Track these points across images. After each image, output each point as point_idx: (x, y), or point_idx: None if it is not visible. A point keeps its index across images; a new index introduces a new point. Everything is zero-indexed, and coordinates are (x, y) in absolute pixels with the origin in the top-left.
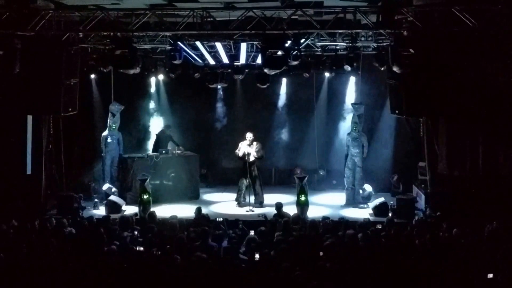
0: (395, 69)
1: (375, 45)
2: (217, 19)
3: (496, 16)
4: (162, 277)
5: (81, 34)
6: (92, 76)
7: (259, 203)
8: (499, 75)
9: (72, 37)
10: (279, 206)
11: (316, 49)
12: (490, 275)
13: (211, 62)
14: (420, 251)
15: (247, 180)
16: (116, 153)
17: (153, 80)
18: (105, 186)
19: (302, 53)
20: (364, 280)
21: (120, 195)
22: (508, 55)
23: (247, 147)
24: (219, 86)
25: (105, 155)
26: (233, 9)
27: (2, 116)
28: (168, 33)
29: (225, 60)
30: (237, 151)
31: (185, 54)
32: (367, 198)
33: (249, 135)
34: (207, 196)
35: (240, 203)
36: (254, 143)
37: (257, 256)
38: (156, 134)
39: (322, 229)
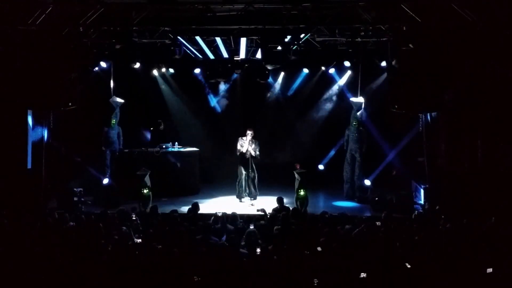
0: (394, 64)
1: (374, 40)
2: (217, 14)
3: (496, 11)
4: (163, 271)
5: (81, 29)
6: (92, 70)
7: (255, 196)
8: (499, 70)
9: (72, 32)
10: (280, 200)
11: (316, 44)
12: (490, 270)
13: (211, 57)
14: (419, 246)
15: (248, 173)
16: (116, 147)
17: (152, 75)
18: (105, 181)
19: (301, 48)
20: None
21: (120, 189)
22: (507, 49)
23: (248, 144)
24: (218, 81)
25: (105, 149)
26: (233, 4)
27: (3, 110)
28: (168, 28)
29: (225, 55)
30: (239, 147)
31: (185, 49)
32: (366, 193)
33: (250, 132)
34: (207, 191)
35: (242, 198)
36: (253, 140)
37: (258, 250)
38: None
39: (321, 223)
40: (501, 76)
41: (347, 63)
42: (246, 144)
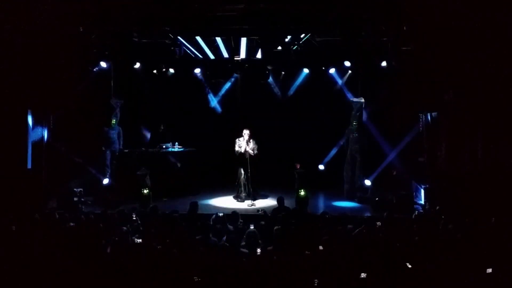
0: (394, 64)
1: (374, 40)
2: (217, 14)
3: (496, 11)
4: (162, 271)
5: (81, 29)
6: (92, 70)
7: (254, 196)
8: (499, 70)
9: (72, 32)
10: (280, 200)
11: (316, 44)
12: (489, 270)
13: (211, 57)
14: (419, 246)
15: (247, 173)
16: (116, 148)
17: (153, 74)
18: (105, 181)
19: (301, 48)
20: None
21: (120, 189)
22: (507, 49)
23: (245, 144)
24: (219, 81)
25: (105, 149)
26: (234, 4)
27: (3, 110)
28: (168, 28)
29: (225, 55)
30: (237, 148)
31: (185, 49)
32: (366, 193)
33: (246, 132)
34: (207, 191)
35: (241, 198)
36: (251, 140)
37: (258, 250)
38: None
39: (321, 223)
40: (501, 76)
41: (347, 63)
42: (244, 145)
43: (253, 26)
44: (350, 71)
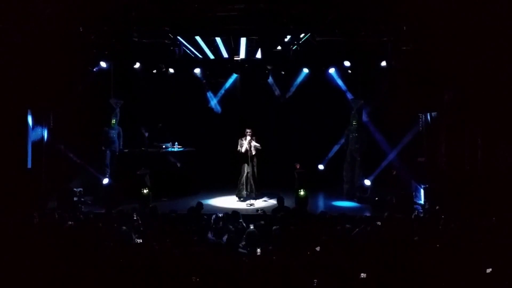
0: (394, 64)
1: (374, 40)
2: (217, 14)
3: (496, 11)
4: (162, 271)
5: (81, 29)
6: (92, 70)
7: (255, 196)
8: (499, 70)
9: (72, 32)
10: (280, 200)
11: (316, 44)
12: (489, 270)
13: (211, 57)
14: (419, 246)
15: (250, 172)
16: (116, 148)
17: (152, 74)
18: (105, 181)
19: (301, 48)
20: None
21: (120, 189)
22: (507, 49)
23: (248, 143)
24: (219, 81)
25: (105, 149)
26: (234, 4)
27: (3, 110)
28: (168, 28)
29: (225, 55)
30: (239, 147)
31: (184, 49)
32: (366, 193)
33: (249, 131)
34: (206, 191)
35: (242, 197)
36: (253, 138)
37: (258, 250)
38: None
39: (321, 223)
40: (501, 76)
41: (347, 63)
42: (245, 144)
43: (253, 26)
44: (350, 71)
